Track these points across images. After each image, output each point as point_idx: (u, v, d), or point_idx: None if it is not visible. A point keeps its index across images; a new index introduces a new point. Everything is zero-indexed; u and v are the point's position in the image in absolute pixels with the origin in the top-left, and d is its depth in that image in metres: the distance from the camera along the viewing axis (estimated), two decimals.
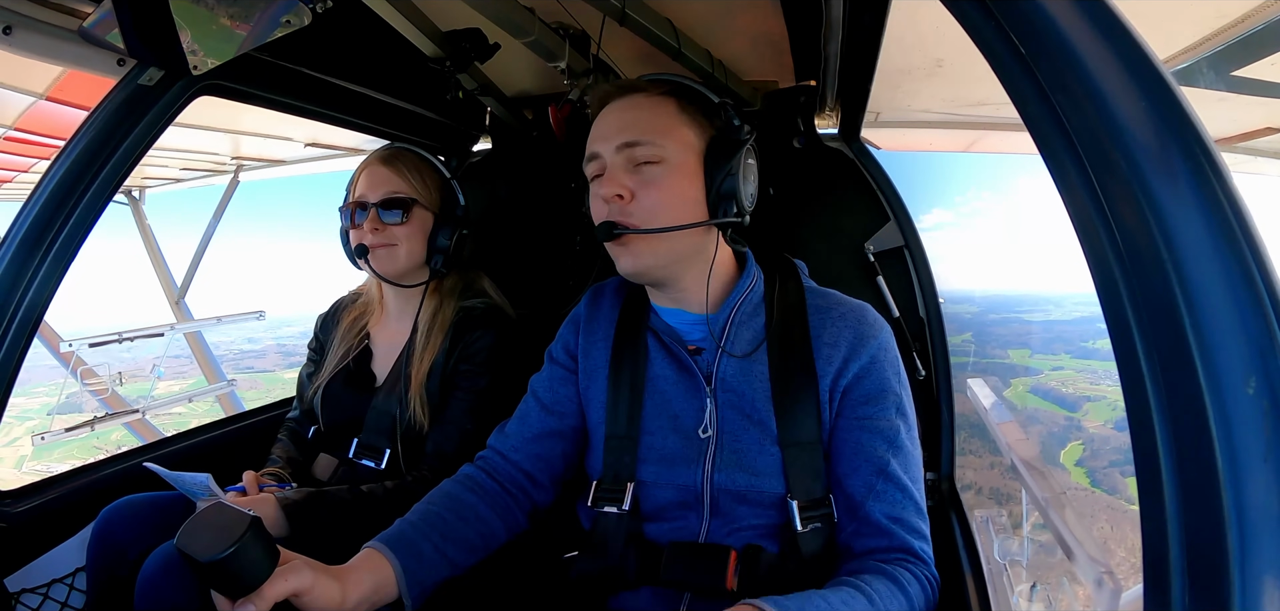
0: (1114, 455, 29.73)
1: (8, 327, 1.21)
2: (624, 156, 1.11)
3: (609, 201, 1.10)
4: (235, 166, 4.65)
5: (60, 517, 1.37)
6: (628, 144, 1.10)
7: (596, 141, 1.14)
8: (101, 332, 4.33)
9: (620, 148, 1.11)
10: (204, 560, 0.77)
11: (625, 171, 1.10)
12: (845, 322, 1.13)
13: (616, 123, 1.13)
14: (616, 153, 1.11)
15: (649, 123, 1.12)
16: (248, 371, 42.30)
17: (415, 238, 1.56)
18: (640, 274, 1.13)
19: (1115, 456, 29.54)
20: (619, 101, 1.16)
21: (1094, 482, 28.69)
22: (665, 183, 1.09)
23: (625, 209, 1.09)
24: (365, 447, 1.52)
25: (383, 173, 1.55)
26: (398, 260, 1.55)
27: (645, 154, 1.10)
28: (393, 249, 1.54)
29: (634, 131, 1.11)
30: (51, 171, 1.26)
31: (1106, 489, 28.03)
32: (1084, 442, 32.32)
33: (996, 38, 0.57)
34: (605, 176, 1.11)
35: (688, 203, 1.10)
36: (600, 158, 1.13)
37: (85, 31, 1.20)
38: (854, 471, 1.07)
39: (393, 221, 1.54)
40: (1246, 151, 2.41)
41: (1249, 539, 0.43)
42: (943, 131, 2.64)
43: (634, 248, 1.10)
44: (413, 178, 1.57)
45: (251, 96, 1.49)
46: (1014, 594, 1.59)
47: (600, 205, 1.12)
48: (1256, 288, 0.45)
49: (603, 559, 1.12)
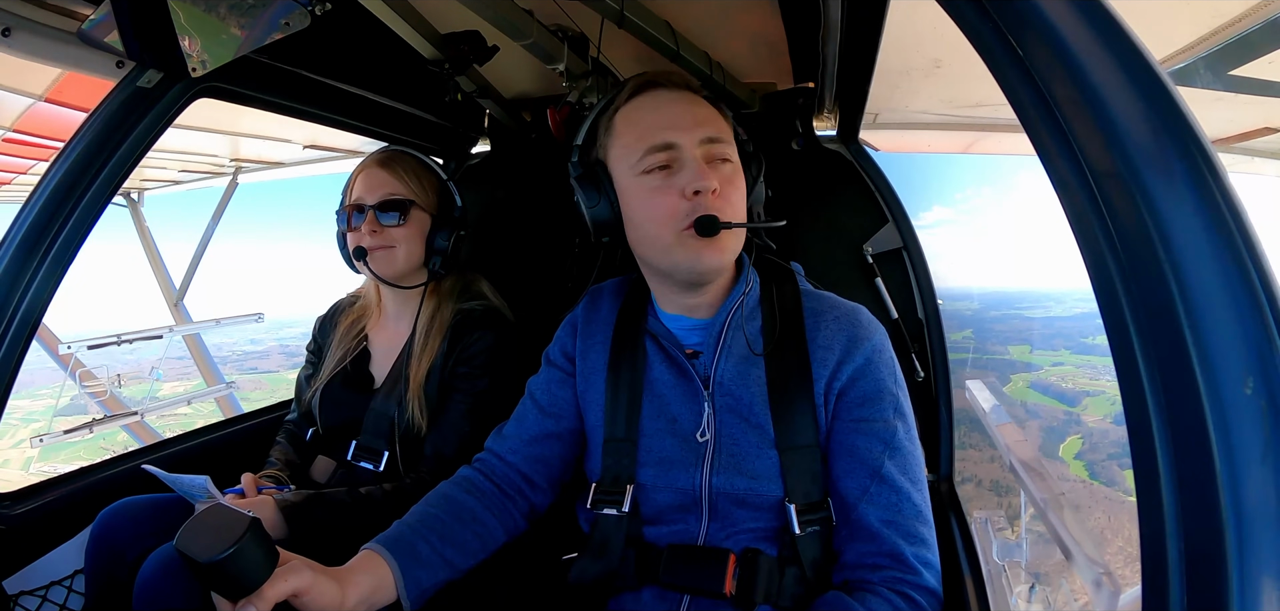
0: (1112, 448, 30.07)
1: (6, 329, 1.21)
2: (705, 151, 1.08)
3: (699, 195, 1.05)
4: (234, 168, 4.65)
5: (58, 520, 1.36)
6: (711, 139, 1.09)
7: (671, 130, 1.08)
8: (101, 335, 4.33)
9: (703, 141, 1.08)
10: (203, 561, 0.78)
11: (709, 165, 1.08)
12: (839, 325, 1.13)
13: (692, 115, 1.10)
14: (699, 145, 1.08)
15: (718, 121, 1.12)
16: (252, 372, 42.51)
17: (413, 239, 1.56)
18: (719, 270, 1.12)
19: (1114, 449, 29.81)
20: (675, 93, 1.13)
21: (1093, 475, 29.02)
22: (737, 182, 1.10)
23: (715, 204, 1.06)
24: (363, 450, 1.52)
25: (380, 175, 1.55)
26: (396, 262, 1.55)
27: (722, 152, 1.09)
28: (391, 251, 1.54)
29: (712, 127, 1.10)
30: (50, 173, 1.26)
31: (1105, 481, 28.36)
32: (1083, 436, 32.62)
33: (993, 38, 0.57)
34: (694, 168, 1.06)
35: (745, 205, 1.12)
36: (678, 148, 1.08)
37: (84, 34, 1.20)
38: (848, 474, 1.06)
39: (390, 223, 1.53)
40: (1243, 151, 2.41)
41: (1247, 539, 0.43)
42: (941, 133, 2.65)
43: (723, 245, 1.08)
44: (410, 180, 1.57)
45: (250, 98, 1.49)
46: (1013, 595, 1.59)
47: (675, 199, 1.06)
48: (1254, 288, 0.45)
49: (602, 560, 1.12)
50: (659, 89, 1.14)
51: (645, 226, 1.10)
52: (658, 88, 1.14)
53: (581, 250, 1.29)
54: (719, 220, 1.04)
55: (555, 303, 1.72)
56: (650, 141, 1.08)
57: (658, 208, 1.07)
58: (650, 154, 1.08)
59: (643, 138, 1.09)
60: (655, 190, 1.08)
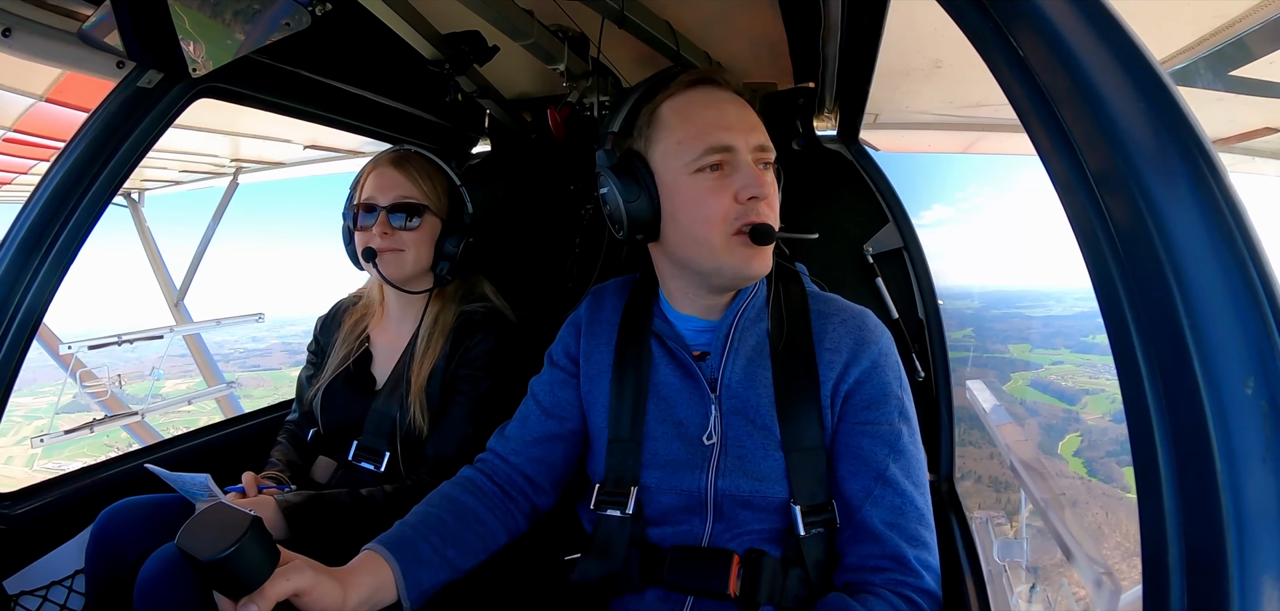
0: (1110, 446, 30.41)
1: (7, 329, 1.21)
2: (757, 156, 1.07)
3: (753, 200, 1.04)
4: (234, 169, 4.65)
5: (59, 520, 1.36)
6: (762, 146, 1.08)
7: (727, 131, 1.05)
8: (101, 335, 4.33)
9: (757, 148, 1.07)
10: (205, 559, 0.78)
11: (760, 172, 1.07)
12: (846, 328, 1.12)
13: (747, 120, 1.08)
14: (752, 150, 1.07)
15: (764, 129, 1.11)
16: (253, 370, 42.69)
17: (423, 244, 1.55)
18: (761, 276, 1.11)
19: (1112, 446, 30.13)
20: (726, 93, 1.11)
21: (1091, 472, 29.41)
22: (777, 190, 1.10)
23: (768, 212, 1.06)
24: (365, 450, 1.52)
25: (394, 176, 1.54)
26: (405, 265, 1.54)
27: (770, 158, 1.09)
28: (401, 254, 1.53)
29: (763, 135, 1.09)
30: (51, 173, 1.26)
31: (1103, 478, 28.73)
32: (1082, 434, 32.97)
33: (994, 38, 0.57)
34: (750, 173, 1.05)
35: None
36: (736, 151, 1.05)
37: (84, 34, 1.20)
38: (853, 476, 1.06)
39: (402, 226, 1.53)
40: (1244, 152, 2.41)
41: (1248, 539, 0.43)
42: (942, 133, 2.64)
43: (769, 252, 1.09)
44: (423, 183, 1.56)
45: (250, 99, 1.49)
46: (1013, 595, 1.59)
47: (728, 201, 1.04)
48: (1254, 288, 0.45)
49: (605, 561, 1.12)
50: (714, 87, 1.11)
51: (693, 227, 1.07)
52: (713, 86, 1.11)
53: (582, 250, 1.29)
54: (774, 229, 1.05)
55: (556, 302, 1.72)
56: (708, 141, 1.04)
57: (711, 209, 1.04)
58: (708, 153, 1.04)
59: (700, 135, 1.05)
60: (709, 191, 1.05)
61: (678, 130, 1.07)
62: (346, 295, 1.80)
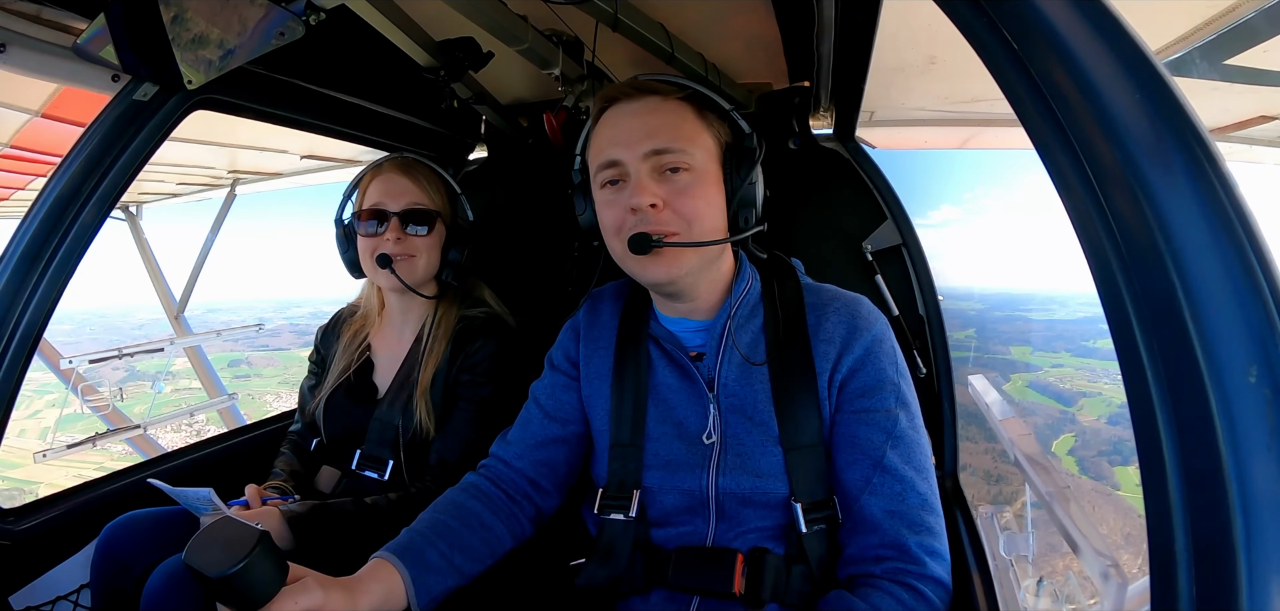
0: (1103, 445, 31.47)
1: (8, 345, 1.21)
2: (651, 163, 1.07)
3: (637, 211, 1.06)
4: (232, 180, 4.64)
5: (63, 535, 1.36)
6: (656, 150, 1.07)
7: (615, 146, 1.09)
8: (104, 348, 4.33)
9: (648, 154, 1.07)
10: (213, 576, 0.77)
11: (654, 179, 1.07)
12: (840, 316, 1.12)
13: (640, 127, 1.09)
14: (642, 159, 1.07)
15: (675, 128, 1.08)
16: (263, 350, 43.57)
17: (434, 249, 1.57)
18: (671, 283, 1.11)
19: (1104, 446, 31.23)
20: (633, 104, 1.12)
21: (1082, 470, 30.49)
22: (696, 191, 1.07)
23: (659, 217, 1.06)
24: (368, 459, 1.52)
25: (403, 182, 1.54)
26: (417, 271, 1.55)
27: (674, 161, 1.07)
28: (413, 260, 1.54)
29: (661, 137, 1.07)
30: (48, 188, 1.26)
31: (1093, 476, 29.66)
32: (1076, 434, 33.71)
33: (988, 33, 0.57)
34: (633, 184, 1.07)
35: (714, 211, 1.09)
36: (621, 164, 1.08)
37: (80, 48, 1.20)
38: (851, 465, 1.06)
39: (415, 232, 1.53)
40: (1242, 140, 2.41)
41: (1254, 527, 0.43)
42: (937, 129, 2.64)
43: (668, 258, 1.07)
44: (432, 190, 1.57)
45: (247, 109, 1.49)
46: (1021, 589, 1.58)
47: (621, 213, 1.08)
48: (1255, 277, 0.45)
49: (609, 564, 1.12)
50: (618, 104, 1.14)
51: (605, 238, 1.14)
52: (616, 103, 1.14)
53: (580, 254, 1.29)
54: (651, 237, 1.05)
55: (555, 307, 1.72)
56: (602, 158, 1.11)
57: (609, 221, 1.12)
58: (602, 170, 1.12)
59: (598, 153, 1.13)
60: (607, 205, 1.12)
61: (592, 150, 1.16)
62: (345, 305, 1.80)
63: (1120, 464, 28.27)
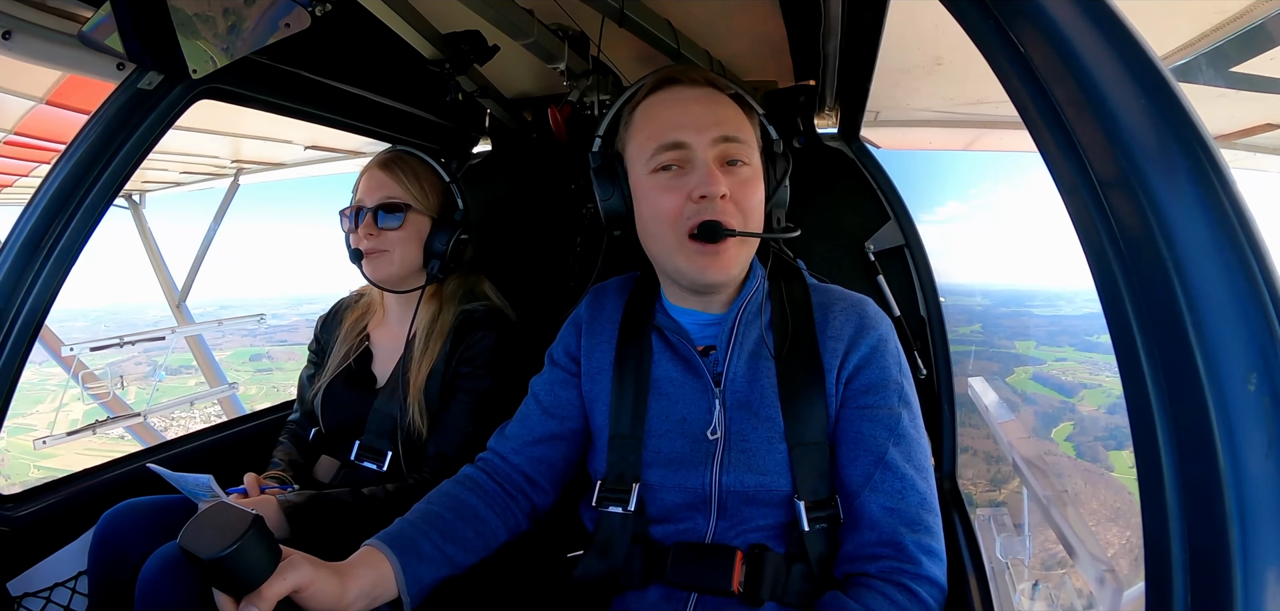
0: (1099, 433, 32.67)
1: (9, 332, 1.21)
2: (718, 151, 1.05)
3: (705, 199, 1.03)
4: (235, 170, 4.65)
5: (62, 521, 1.37)
6: (725, 138, 1.06)
7: (681, 128, 1.06)
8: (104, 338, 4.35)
9: (717, 141, 1.05)
10: (206, 558, 0.78)
11: (720, 168, 1.05)
12: (847, 316, 1.13)
13: (710, 115, 1.07)
14: (712, 146, 1.05)
15: (737, 121, 1.08)
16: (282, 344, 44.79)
17: (409, 243, 1.56)
18: (728, 280, 1.10)
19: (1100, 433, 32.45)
20: (695, 90, 1.10)
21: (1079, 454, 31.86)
22: (754, 186, 1.07)
23: (725, 209, 1.04)
24: (367, 450, 1.52)
25: (380, 177, 1.55)
26: (391, 265, 1.55)
27: (738, 153, 1.06)
28: (385, 254, 1.54)
29: (729, 127, 1.06)
30: (52, 176, 1.26)
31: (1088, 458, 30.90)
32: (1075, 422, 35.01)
33: (994, 36, 0.56)
34: (703, 170, 1.04)
35: (763, 210, 1.10)
36: (689, 148, 1.05)
37: (85, 36, 1.20)
38: (853, 461, 1.06)
39: (387, 226, 1.54)
40: (1246, 148, 2.40)
41: (1251, 535, 0.43)
42: (942, 130, 2.64)
43: (732, 253, 1.06)
44: (410, 182, 1.57)
45: (251, 99, 1.49)
46: (1016, 592, 1.58)
47: (681, 200, 1.05)
48: (1257, 284, 0.45)
49: (607, 558, 1.12)
50: (678, 86, 1.11)
51: (651, 225, 1.10)
52: (677, 84, 1.12)
53: (583, 248, 1.29)
54: (723, 226, 1.02)
55: (557, 301, 1.72)
56: (662, 139, 1.07)
57: (663, 208, 1.07)
58: (661, 152, 1.07)
59: (656, 135, 1.08)
60: (663, 189, 1.07)
61: (642, 131, 1.11)
62: (347, 294, 1.80)
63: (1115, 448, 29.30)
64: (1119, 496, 19.70)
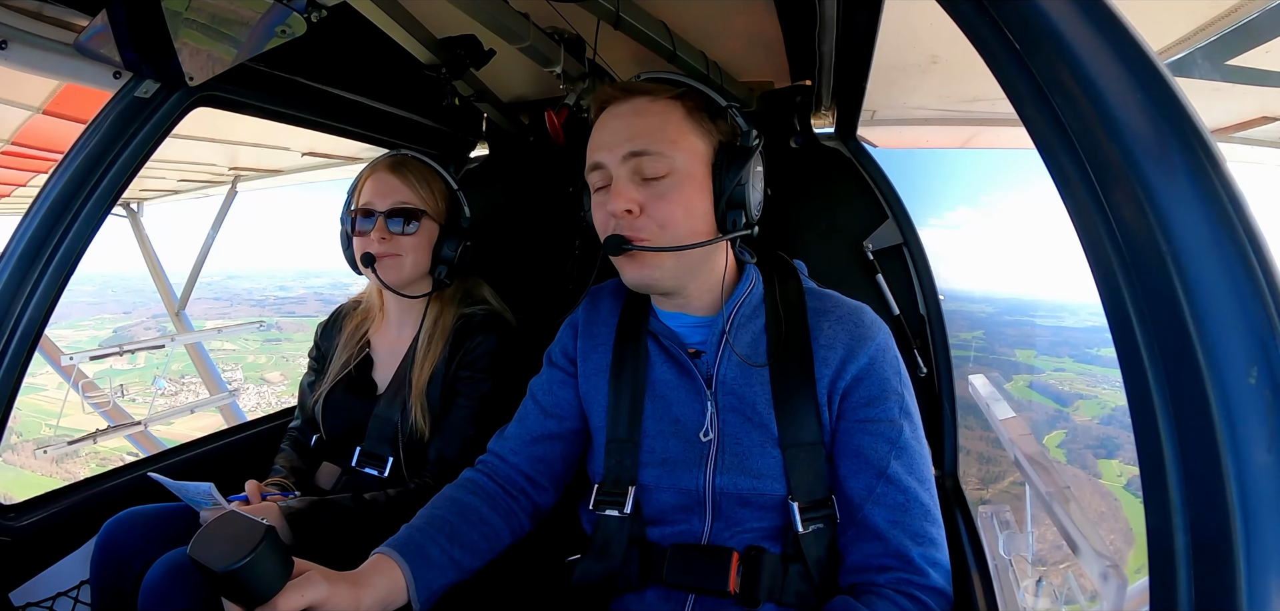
0: (1090, 440, 33.41)
1: (8, 342, 1.21)
2: (630, 166, 1.07)
3: (617, 216, 1.06)
4: (233, 177, 4.65)
5: (63, 531, 1.36)
6: (634, 153, 1.06)
7: (599, 150, 1.10)
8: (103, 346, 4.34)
9: (626, 158, 1.06)
10: (219, 570, 0.77)
11: (632, 183, 1.06)
12: (842, 325, 1.12)
13: (622, 130, 1.08)
14: (622, 163, 1.07)
15: (657, 130, 1.07)
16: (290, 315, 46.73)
17: (421, 248, 1.56)
18: (648, 286, 1.12)
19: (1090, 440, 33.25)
20: (622, 105, 1.11)
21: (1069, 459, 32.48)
22: (674, 196, 1.06)
23: (634, 223, 1.06)
24: (368, 455, 1.52)
25: (391, 181, 1.54)
26: (403, 270, 1.54)
27: (653, 166, 1.06)
28: (398, 259, 1.53)
29: (641, 140, 1.06)
30: (49, 185, 1.26)
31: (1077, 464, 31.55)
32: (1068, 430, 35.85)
33: (991, 33, 0.56)
34: (612, 189, 1.07)
35: (697, 214, 1.07)
36: (604, 168, 1.09)
37: (81, 45, 1.20)
38: (854, 475, 1.06)
39: (400, 231, 1.53)
40: (1243, 141, 2.40)
41: (1253, 529, 0.43)
42: (939, 128, 2.64)
43: (642, 261, 1.08)
44: (421, 188, 1.56)
45: (248, 106, 1.49)
46: (1020, 589, 1.58)
47: (605, 216, 1.09)
48: (1256, 278, 0.45)
49: (605, 561, 1.12)
50: (609, 106, 1.14)
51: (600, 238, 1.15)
52: (608, 105, 1.14)
53: (581, 251, 1.29)
54: (624, 240, 1.06)
55: (556, 304, 1.72)
56: (590, 160, 1.13)
57: (598, 223, 1.13)
58: (590, 172, 1.13)
59: (588, 156, 1.14)
60: (596, 207, 1.13)
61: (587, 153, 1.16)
62: (346, 300, 1.80)
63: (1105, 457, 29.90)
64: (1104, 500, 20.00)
